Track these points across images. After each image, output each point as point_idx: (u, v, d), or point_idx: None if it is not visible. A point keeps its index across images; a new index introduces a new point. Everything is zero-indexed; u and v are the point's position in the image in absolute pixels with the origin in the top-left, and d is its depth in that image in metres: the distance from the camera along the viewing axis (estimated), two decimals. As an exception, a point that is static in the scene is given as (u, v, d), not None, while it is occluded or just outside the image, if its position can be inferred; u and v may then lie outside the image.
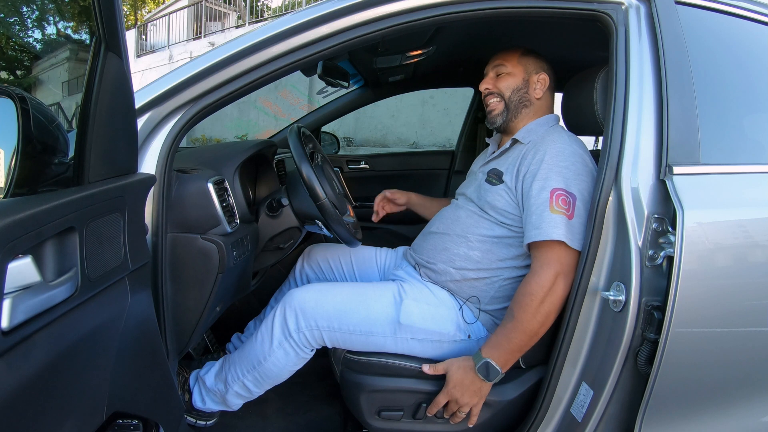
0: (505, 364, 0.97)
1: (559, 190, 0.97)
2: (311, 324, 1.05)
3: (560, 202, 0.95)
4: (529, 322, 0.94)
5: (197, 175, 0.98)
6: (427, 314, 1.06)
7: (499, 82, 1.18)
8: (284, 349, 1.06)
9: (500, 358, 0.96)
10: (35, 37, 0.86)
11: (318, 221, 1.19)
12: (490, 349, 0.98)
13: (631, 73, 0.92)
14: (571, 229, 0.94)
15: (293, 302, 1.06)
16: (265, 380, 1.10)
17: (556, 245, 0.95)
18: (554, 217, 0.95)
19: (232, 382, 1.11)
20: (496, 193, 1.08)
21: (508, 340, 0.96)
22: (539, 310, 0.94)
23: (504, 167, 1.10)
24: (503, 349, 0.96)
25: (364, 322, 1.05)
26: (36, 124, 0.61)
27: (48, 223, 0.52)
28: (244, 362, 1.10)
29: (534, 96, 1.17)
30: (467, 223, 1.12)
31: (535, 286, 0.95)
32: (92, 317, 0.60)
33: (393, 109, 7.30)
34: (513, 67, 1.18)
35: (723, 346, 0.88)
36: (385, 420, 1.05)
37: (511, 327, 0.96)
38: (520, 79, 1.17)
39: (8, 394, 0.46)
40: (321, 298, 1.07)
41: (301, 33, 0.90)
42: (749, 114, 1.06)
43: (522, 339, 0.95)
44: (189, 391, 1.17)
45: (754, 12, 1.04)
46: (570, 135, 1.09)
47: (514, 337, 0.96)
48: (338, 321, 1.04)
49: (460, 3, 0.92)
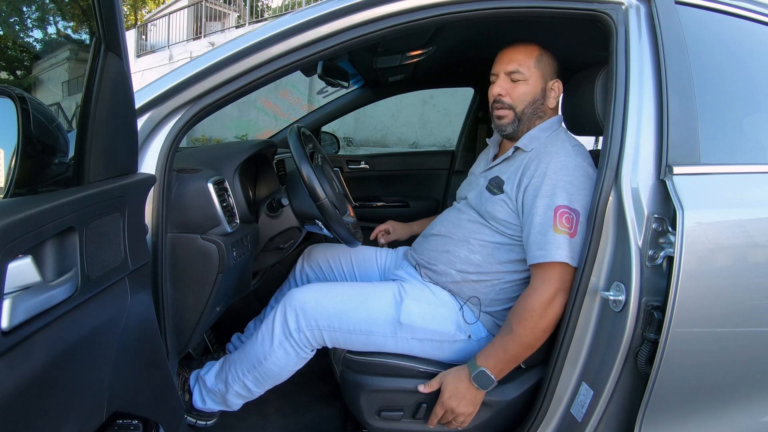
0: (500, 373, 0.98)
1: (563, 208, 0.96)
2: (312, 324, 1.04)
3: (564, 221, 0.95)
4: (527, 336, 0.95)
5: (197, 175, 0.98)
6: (427, 314, 1.06)
7: (515, 90, 1.09)
8: (285, 349, 1.06)
9: (495, 368, 0.97)
10: (35, 37, 0.86)
11: (318, 221, 1.19)
12: (485, 358, 0.98)
13: (631, 73, 0.92)
14: (573, 248, 0.94)
15: (294, 302, 1.06)
16: (266, 380, 1.10)
17: (558, 264, 0.95)
18: (558, 237, 0.94)
19: (232, 382, 1.11)
20: (497, 203, 1.07)
21: (504, 350, 0.97)
22: (537, 325, 0.95)
23: (506, 176, 1.08)
24: (499, 359, 0.97)
25: (365, 322, 1.05)
26: (36, 124, 0.61)
27: (48, 223, 0.52)
28: (244, 362, 1.10)
29: (548, 106, 1.13)
30: (469, 228, 1.12)
31: (535, 303, 0.95)
32: (92, 317, 0.60)
33: (393, 109, 7.29)
34: (530, 72, 1.08)
35: (723, 346, 0.88)
36: (385, 420, 1.05)
37: (509, 339, 0.97)
38: (538, 89, 1.09)
39: (8, 394, 0.46)
40: (321, 297, 1.07)
41: (301, 33, 0.90)
42: (749, 114, 1.06)
43: (518, 351, 0.97)
44: (189, 392, 1.17)
45: (754, 12, 1.04)
46: (573, 143, 1.07)
47: (510, 349, 0.97)
48: (338, 320, 1.04)
49: (460, 3, 0.92)
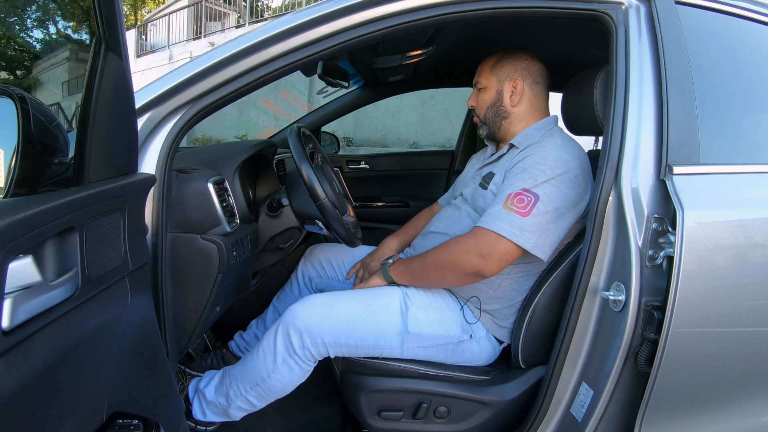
0: (397, 275, 1.11)
1: (522, 191, 0.96)
2: (317, 341, 1.01)
3: (516, 201, 0.96)
4: (432, 258, 1.03)
5: (197, 175, 0.98)
6: (434, 320, 1.06)
7: (479, 98, 1.19)
8: (289, 366, 1.03)
9: (396, 270, 1.11)
10: (35, 37, 0.86)
11: (318, 221, 1.19)
12: (397, 263, 1.13)
13: (631, 73, 0.92)
14: (519, 227, 0.94)
15: (297, 321, 1.01)
16: (270, 395, 1.07)
17: (493, 234, 0.95)
18: (503, 211, 0.96)
19: (234, 397, 1.08)
20: (487, 198, 1.08)
21: (411, 261, 1.09)
22: (445, 258, 1.01)
23: (497, 170, 1.10)
24: (403, 266, 1.10)
25: (372, 336, 1.03)
26: (36, 124, 0.61)
27: (48, 223, 0.52)
28: (246, 379, 1.07)
29: (510, 105, 1.14)
30: (466, 225, 1.12)
31: (458, 241, 1.00)
32: (92, 317, 0.60)
33: (393, 109, 7.29)
34: (486, 80, 1.17)
35: (723, 346, 0.88)
36: (385, 420, 1.05)
37: (422, 255, 1.07)
38: (494, 93, 1.16)
39: (8, 395, 0.46)
40: (326, 313, 1.03)
41: (301, 33, 0.90)
42: (749, 114, 1.06)
43: (417, 266, 1.07)
44: (188, 401, 1.15)
45: (754, 12, 1.03)
46: (564, 140, 1.06)
47: (414, 261, 1.08)
48: (345, 336, 1.02)
49: (460, 3, 0.92)
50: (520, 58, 1.15)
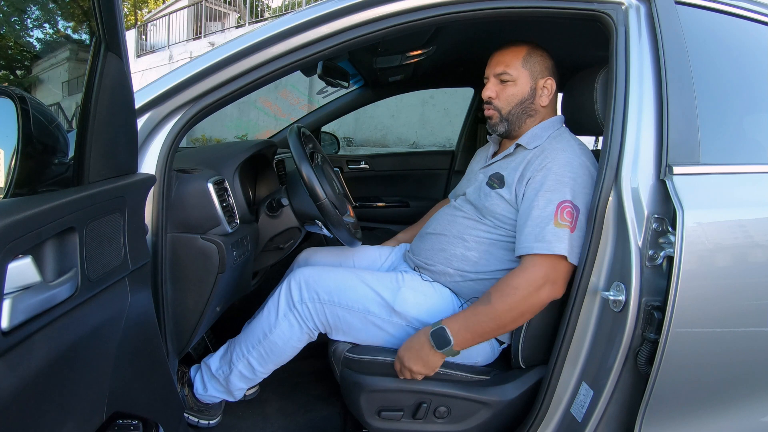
0: (461, 340, 0.95)
1: (566, 203, 0.95)
2: (313, 296, 1.07)
3: (565, 215, 0.95)
4: (504, 313, 0.93)
5: (197, 175, 0.98)
6: (422, 305, 1.07)
7: (503, 91, 1.10)
8: (289, 321, 1.08)
9: (458, 332, 0.94)
10: (35, 37, 0.86)
11: (318, 221, 1.19)
12: (452, 320, 0.97)
13: (631, 73, 0.92)
14: (572, 243, 0.94)
15: (298, 275, 1.11)
16: (270, 356, 1.11)
17: (553, 256, 0.94)
18: (558, 231, 0.93)
19: (236, 360, 1.12)
20: (495, 198, 1.07)
21: (474, 318, 0.95)
22: (517, 305, 0.93)
23: (506, 171, 1.08)
24: (464, 324, 0.95)
25: (362, 299, 1.07)
26: (36, 124, 0.61)
27: (48, 223, 0.52)
28: (249, 337, 1.12)
29: (540, 104, 1.11)
30: (464, 225, 1.12)
31: (522, 281, 0.93)
32: (92, 317, 0.60)
33: (393, 109, 7.28)
34: (517, 72, 1.08)
35: (723, 346, 0.88)
36: (385, 420, 1.05)
37: (483, 309, 0.94)
38: (527, 89, 1.09)
39: (8, 394, 0.46)
40: (324, 273, 1.11)
41: (301, 33, 0.90)
42: (749, 114, 1.06)
43: (488, 325, 0.94)
44: (190, 383, 1.17)
45: (754, 12, 1.03)
46: (577, 142, 1.07)
47: (481, 320, 0.94)
48: (338, 295, 1.07)
49: (460, 3, 0.92)
50: (546, 56, 1.11)
